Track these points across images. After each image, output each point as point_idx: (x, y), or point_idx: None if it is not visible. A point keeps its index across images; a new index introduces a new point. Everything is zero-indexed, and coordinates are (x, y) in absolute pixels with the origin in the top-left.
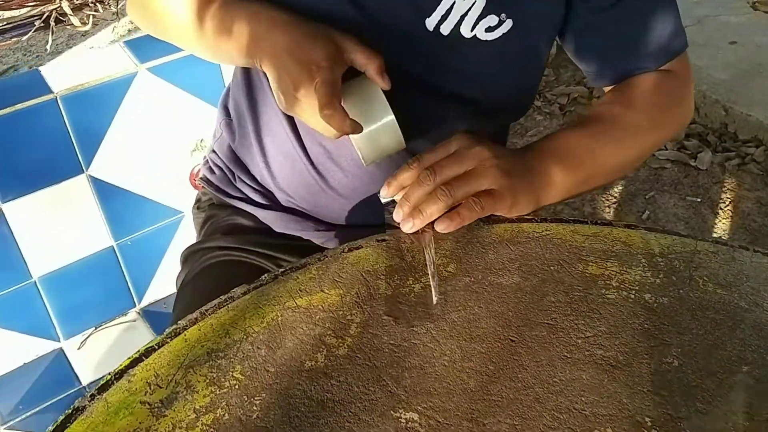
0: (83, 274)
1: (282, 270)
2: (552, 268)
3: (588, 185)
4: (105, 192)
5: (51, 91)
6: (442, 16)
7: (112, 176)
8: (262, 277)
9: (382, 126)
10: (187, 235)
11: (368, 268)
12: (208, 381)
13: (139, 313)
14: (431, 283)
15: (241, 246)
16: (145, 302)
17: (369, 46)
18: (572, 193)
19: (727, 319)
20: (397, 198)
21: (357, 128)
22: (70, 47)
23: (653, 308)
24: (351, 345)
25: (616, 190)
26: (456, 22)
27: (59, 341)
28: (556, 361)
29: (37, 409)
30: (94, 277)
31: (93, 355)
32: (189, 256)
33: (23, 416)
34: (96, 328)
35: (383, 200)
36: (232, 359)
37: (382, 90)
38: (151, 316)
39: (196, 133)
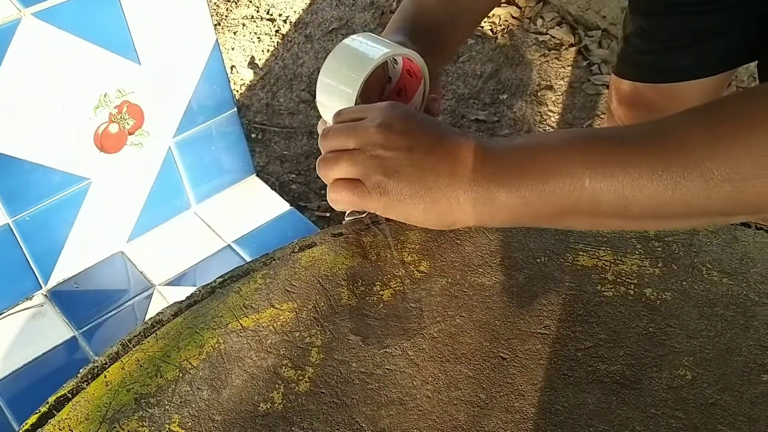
0: None
1: (219, 279)
2: (539, 260)
3: (589, 222)
4: None
5: None
6: None
7: (1, 144)
8: (195, 290)
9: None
10: (96, 203)
11: (325, 272)
12: None
13: (46, 295)
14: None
15: None
16: (52, 282)
17: None
18: (543, 224)
19: (738, 316)
20: None
21: None
22: None
23: (656, 306)
24: (313, 377)
25: (552, 119)
26: None
27: None
28: (555, 383)
29: None
30: None
31: None
32: None
33: None
34: None
35: None
36: (167, 406)
37: None
38: (60, 297)
39: (99, 87)
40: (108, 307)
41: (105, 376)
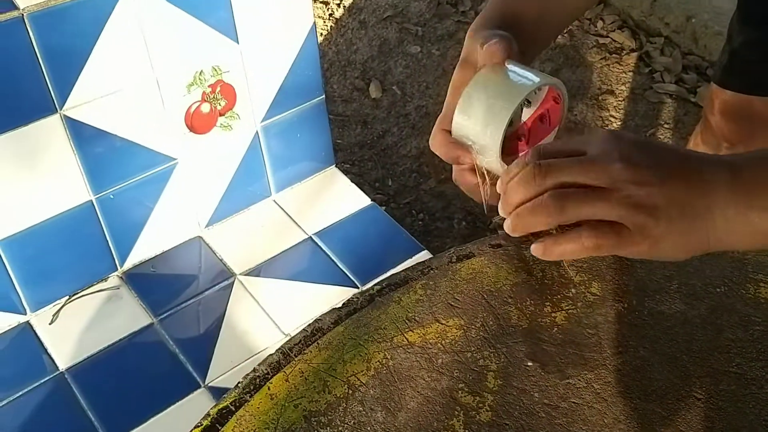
0: (55, 235)
1: (377, 287)
2: (718, 290)
3: None
4: (83, 135)
5: (16, 7)
6: None
7: (92, 117)
8: (352, 296)
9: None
10: (179, 185)
11: (489, 286)
12: None
13: (121, 277)
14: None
15: None
16: (128, 265)
17: None
18: None
19: None
20: None
21: None
22: None
23: None
24: (494, 406)
25: (614, 125)
26: None
27: (25, 314)
28: (759, 430)
29: (4, 402)
30: (68, 238)
31: (69, 330)
32: None
33: None
34: (70, 298)
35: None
36: (340, 427)
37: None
38: (136, 281)
39: (195, 63)
40: (186, 294)
41: (269, 389)
